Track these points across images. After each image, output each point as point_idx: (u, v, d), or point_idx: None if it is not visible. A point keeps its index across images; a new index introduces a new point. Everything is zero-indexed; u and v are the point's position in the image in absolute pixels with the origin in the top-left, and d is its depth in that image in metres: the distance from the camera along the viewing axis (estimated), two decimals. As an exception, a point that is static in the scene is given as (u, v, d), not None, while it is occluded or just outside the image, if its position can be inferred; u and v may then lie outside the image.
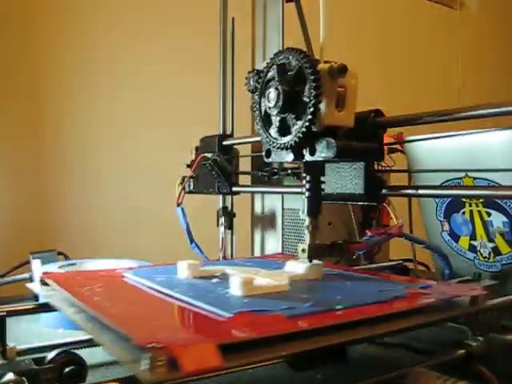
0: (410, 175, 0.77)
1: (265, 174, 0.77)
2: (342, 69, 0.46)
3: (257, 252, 0.94)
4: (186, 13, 1.46)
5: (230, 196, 0.85)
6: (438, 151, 0.72)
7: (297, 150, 0.50)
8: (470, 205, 0.70)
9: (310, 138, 0.48)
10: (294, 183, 0.85)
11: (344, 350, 0.39)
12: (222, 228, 0.84)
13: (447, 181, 0.71)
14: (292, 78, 0.48)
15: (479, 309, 0.45)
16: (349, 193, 0.53)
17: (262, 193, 0.93)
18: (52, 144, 1.33)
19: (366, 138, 0.51)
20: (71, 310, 0.45)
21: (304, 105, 0.47)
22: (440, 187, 0.67)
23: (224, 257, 0.84)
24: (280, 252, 0.88)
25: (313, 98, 0.46)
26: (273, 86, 0.48)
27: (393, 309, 0.41)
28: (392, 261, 0.87)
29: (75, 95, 1.36)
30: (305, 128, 0.47)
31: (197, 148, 0.83)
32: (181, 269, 0.54)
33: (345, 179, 0.54)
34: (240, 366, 0.34)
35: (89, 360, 0.47)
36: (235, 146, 0.81)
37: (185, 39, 1.45)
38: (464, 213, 0.71)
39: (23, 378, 0.37)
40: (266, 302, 0.42)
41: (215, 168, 0.75)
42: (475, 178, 0.68)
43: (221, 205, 0.85)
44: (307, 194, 0.53)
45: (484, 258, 0.70)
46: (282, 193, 0.88)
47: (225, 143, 0.79)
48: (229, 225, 0.85)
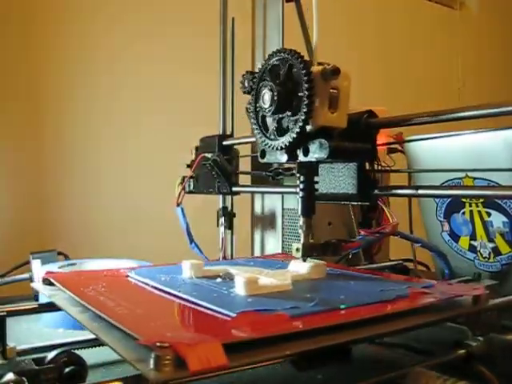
0: (410, 175, 0.77)
1: (269, 175, 0.77)
2: (335, 71, 0.47)
3: (257, 252, 0.94)
4: (186, 13, 1.46)
5: (230, 196, 0.85)
6: (438, 151, 0.72)
7: (291, 151, 0.50)
8: (470, 205, 0.70)
9: (304, 139, 0.49)
10: (294, 183, 0.85)
11: (348, 350, 0.40)
12: (222, 228, 0.84)
13: (447, 181, 0.71)
14: (286, 80, 0.48)
15: (481, 308, 0.45)
16: (342, 193, 0.54)
17: (262, 193, 0.93)
18: (52, 144, 1.33)
19: (359, 139, 0.51)
20: (75, 310, 0.45)
21: (297, 106, 0.47)
22: (440, 187, 0.67)
23: (224, 257, 0.84)
24: (281, 252, 0.88)
25: (306, 100, 0.46)
26: (267, 87, 0.49)
27: (396, 308, 0.42)
28: (392, 261, 0.87)
29: (75, 95, 1.36)
30: (298, 129, 0.47)
31: (197, 148, 0.83)
32: (185, 268, 0.54)
33: (338, 179, 0.55)
34: (245, 366, 0.33)
35: (89, 360, 0.47)
36: (235, 146, 0.82)
37: (185, 39, 1.45)
38: (464, 213, 0.71)
39: (23, 378, 0.37)
40: (270, 302, 0.42)
41: (215, 168, 0.76)
42: (475, 178, 0.68)
43: (221, 205, 0.85)
44: (301, 194, 0.53)
45: (484, 258, 0.70)
46: (282, 193, 0.88)
47: (225, 143, 0.79)
48: (229, 225, 0.85)
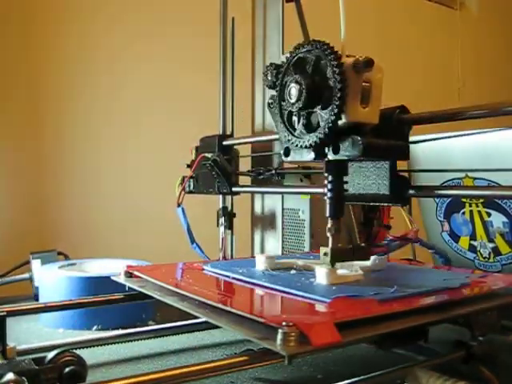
0: (410, 175, 0.77)
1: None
2: (368, 62, 0.44)
3: (257, 252, 0.94)
4: (186, 13, 1.46)
5: (230, 196, 0.85)
6: (438, 151, 0.72)
7: (319, 149, 0.47)
8: (470, 205, 0.70)
9: (334, 136, 0.45)
10: (294, 183, 0.85)
11: (426, 331, 0.43)
12: (222, 228, 0.84)
13: (447, 181, 0.71)
14: (315, 73, 0.45)
15: None
16: (373, 193, 0.51)
17: (262, 193, 0.93)
18: (52, 144, 1.33)
19: (392, 136, 0.48)
20: (172, 299, 0.48)
21: (328, 101, 0.44)
22: (440, 187, 0.67)
23: (224, 257, 0.84)
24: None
25: (338, 94, 0.43)
26: (294, 81, 0.45)
27: (464, 294, 0.46)
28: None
29: (75, 95, 1.36)
30: (329, 125, 0.43)
31: (197, 148, 0.83)
32: (259, 261, 0.58)
33: (368, 179, 0.51)
34: (353, 342, 0.40)
35: (89, 360, 0.47)
36: (235, 146, 0.81)
37: (185, 39, 1.45)
38: (464, 213, 0.71)
39: (23, 378, 0.37)
40: (354, 289, 0.45)
41: (215, 168, 0.75)
42: (475, 178, 0.68)
43: (221, 205, 0.85)
44: (329, 195, 0.49)
45: (484, 258, 0.70)
46: (282, 193, 0.88)
47: (225, 143, 0.79)
48: (229, 225, 0.85)
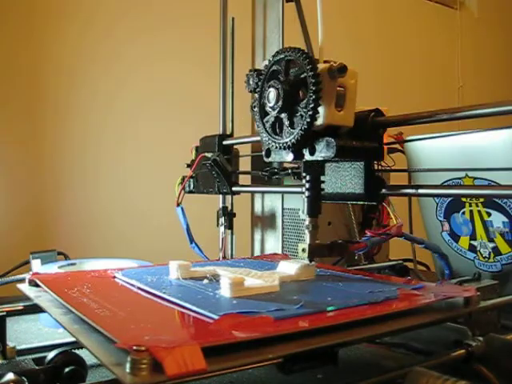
0: (410, 175, 0.77)
1: (265, 174, 0.77)
2: (342, 68, 0.46)
3: (257, 252, 0.94)
4: (186, 13, 1.46)
5: (230, 196, 0.85)
6: (438, 151, 0.72)
7: (297, 150, 0.50)
8: (470, 205, 0.70)
9: (310, 138, 0.48)
10: (294, 183, 0.85)
11: (335, 353, 0.38)
12: (222, 228, 0.84)
13: (447, 181, 0.71)
14: (292, 78, 0.48)
15: (473, 310, 0.45)
16: (349, 192, 0.53)
17: (262, 193, 0.93)
18: (52, 144, 1.33)
19: (366, 138, 0.50)
20: (58, 312, 0.44)
21: (303, 104, 0.47)
22: (440, 187, 0.67)
23: (224, 257, 0.84)
24: (280, 252, 0.88)
25: (313, 98, 0.45)
26: (272, 86, 0.48)
27: (383, 310, 0.41)
28: (392, 261, 0.87)
29: (75, 96, 1.36)
30: (305, 128, 0.46)
31: (197, 148, 0.83)
32: (172, 269, 0.54)
33: (345, 179, 0.54)
34: (224, 370, 0.32)
35: (89, 360, 0.47)
36: (235, 146, 0.81)
37: (185, 39, 1.45)
38: (464, 213, 0.71)
39: (23, 378, 0.37)
40: (255, 304, 0.41)
41: (215, 168, 0.75)
42: (475, 178, 0.68)
43: (221, 205, 0.85)
44: (307, 194, 0.52)
45: (484, 258, 0.70)
46: (282, 192, 0.88)
47: (225, 143, 0.79)
48: (229, 225, 0.85)
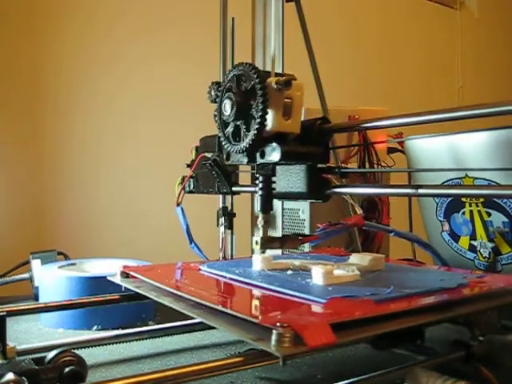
0: (410, 175, 0.77)
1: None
2: (287, 82, 0.51)
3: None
4: (186, 13, 1.46)
5: (230, 196, 0.85)
6: (438, 151, 0.72)
7: (250, 154, 0.55)
8: (470, 205, 0.70)
9: (261, 143, 0.53)
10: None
11: (422, 331, 0.44)
12: (222, 228, 0.84)
13: (447, 181, 0.71)
14: (245, 90, 0.53)
15: None
16: (296, 191, 0.59)
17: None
18: (52, 144, 1.33)
19: (313, 143, 0.56)
20: (168, 299, 0.49)
21: (254, 114, 0.52)
22: (440, 187, 0.67)
23: (224, 257, 0.84)
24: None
25: (261, 109, 0.51)
26: (228, 97, 0.54)
27: (460, 295, 0.46)
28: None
29: (75, 95, 1.36)
30: (254, 135, 0.52)
31: (197, 148, 0.83)
32: (256, 262, 0.59)
33: (294, 179, 0.60)
34: (348, 343, 0.40)
35: (89, 360, 0.47)
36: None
37: (185, 39, 1.45)
38: (464, 213, 0.71)
39: (23, 378, 0.37)
40: (352, 289, 0.46)
41: (215, 168, 0.75)
42: (475, 178, 0.68)
43: (221, 205, 0.85)
44: (260, 193, 0.58)
45: (484, 258, 0.70)
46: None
47: (225, 143, 0.79)
48: (229, 225, 0.85)
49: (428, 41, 2.03)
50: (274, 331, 0.34)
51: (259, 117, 0.51)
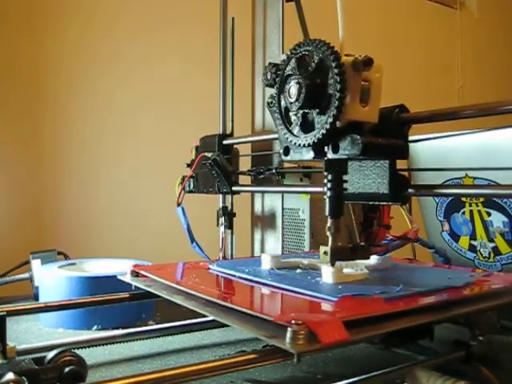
0: (410, 175, 0.77)
1: (251, 174, 0.78)
2: (368, 61, 0.44)
3: (257, 252, 0.94)
4: (186, 13, 1.46)
5: (230, 196, 0.85)
6: (438, 151, 0.72)
7: (318, 148, 0.47)
8: (470, 205, 0.70)
9: (334, 135, 0.45)
10: (294, 183, 0.85)
11: (431, 329, 0.44)
12: (222, 228, 0.84)
13: (447, 181, 0.71)
14: (314, 72, 0.45)
15: None
16: (372, 192, 0.51)
17: (262, 192, 0.93)
18: (51, 144, 1.33)
19: (391, 135, 0.48)
20: (180, 298, 0.49)
21: (327, 99, 0.44)
22: (440, 187, 0.67)
23: (224, 257, 0.84)
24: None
25: (337, 92, 0.43)
26: (293, 80, 0.46)
27: (467, 294, 0.47)
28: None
29: (75, 95, 1.36)
30: (329, 124, 0.44)
31: (197, 147, 0.83)
32: (265, 261, 0.58)
33: (368, 178, 0.51)
34: (360, 340, 0.41)
35: (89, 360, 0.47)
36: (235, 146, 0.81)
37: (185, 39, 1.45)
38: (464, 213, 0.71)
39: (23, 378, 0.37)
40: (361, 288, 0.46)
41: (215, 167, 0.75)
42: (475, 178, 0.68)
43: (221, 205, 0.85)
44: (329, 194, 0.49)
45: (484, 258, 0.70)
46: (282, 192, 0.87)
47: (225, 143, 0.79)
48: (229, 225, 0.85)
49: (428, 41, 2.03)
50: (289, 329, 0.35)
51: (335, 103, 0.43)
